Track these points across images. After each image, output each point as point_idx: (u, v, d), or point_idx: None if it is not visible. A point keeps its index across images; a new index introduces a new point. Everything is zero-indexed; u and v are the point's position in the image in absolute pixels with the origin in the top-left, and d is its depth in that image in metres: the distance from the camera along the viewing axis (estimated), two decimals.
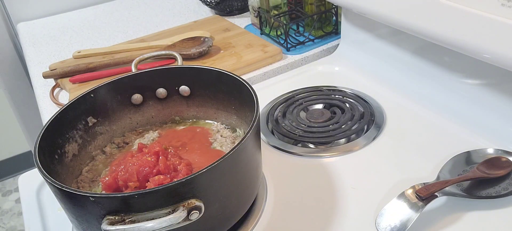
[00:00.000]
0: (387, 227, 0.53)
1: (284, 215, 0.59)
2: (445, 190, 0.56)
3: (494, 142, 0.65)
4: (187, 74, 0.67)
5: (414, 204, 0.54)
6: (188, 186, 0.46)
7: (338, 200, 0.61)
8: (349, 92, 0.82)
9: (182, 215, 0.45)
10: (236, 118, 0.66)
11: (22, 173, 0.74)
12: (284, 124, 0.76)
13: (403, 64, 0.82)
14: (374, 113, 0.76)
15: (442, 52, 0.74)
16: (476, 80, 0.71)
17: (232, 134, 0.66)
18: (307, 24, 1.03)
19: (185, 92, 0.68)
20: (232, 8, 1.21)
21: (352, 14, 0.91)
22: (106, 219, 0.45)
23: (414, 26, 0.69)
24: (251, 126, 0.52)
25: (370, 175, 0.65)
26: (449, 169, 0.61)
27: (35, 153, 0.52)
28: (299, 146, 0.71)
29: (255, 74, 0.92)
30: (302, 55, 0.96)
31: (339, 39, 0.98)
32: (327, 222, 0.57)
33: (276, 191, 0.63)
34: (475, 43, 0.60)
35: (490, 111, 0.69)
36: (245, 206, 0.56)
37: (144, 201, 0.45)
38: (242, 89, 0.61)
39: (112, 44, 1.10)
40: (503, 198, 0.56)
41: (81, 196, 0.46)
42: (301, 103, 0.80)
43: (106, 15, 1.34)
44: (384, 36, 0.86)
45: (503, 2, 0.55)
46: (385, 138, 0.71)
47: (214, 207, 0.49)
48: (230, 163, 0.49)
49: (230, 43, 1.02)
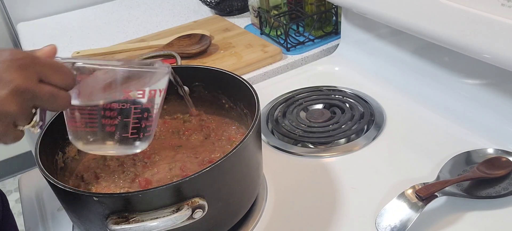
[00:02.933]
0: (387, 227, 0.53)
1: (284, 214, 0.60)
2: (445, 190, 0.56)
3: (494, 142, 0.65)
4: (187, 74, 0.67)
5: (414, 204, 0.54)
6: (192, 185, 0.46)
7: (338, 200, 0.61)
8: (349, 92, 0.82)
9: (187, 213, 0.45)
10: (236, 117, 0.67)
11: (22, 173, 0.74)
12: (284, 124, 0.76)
13: (403, 64, 0.82)
14: (374, 114, 0.76)
15: (442, 52, 0.74)
16: (476, 80, 0.71)
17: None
18: (307, 24, 1.03)
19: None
20: (232, 8, 1.21)
21: (352, 14, 0.91)
22: (110, 218, 0.45)
23: (414, 26, 0.69)
24: (252, 124, 0.52)
25: (370, 175, 0.65)
26: (449, 169, 0.61)
27: (36, 153, 0.52)
28: (299, 146, 0.71)
29: (255, 74, 0.92)
30: (302, 55, 0.96)
31: (339, 39, 0.98)
32: (327, 222, 0.57)
33: (276, 191, 0.63)
34: (475, 43, 0.60)
35: (490, 111, 0.69)
36: (247, 205, 0.56)
37: (148, 200, 0.45)
38: (242, 89, 0.61)
39: (112, 44, 1.10)
40: (503, 198, 0.56)
41: (84, 196, 0.46)
42: (301, 103, 0.80)
43: (106, 15, 1.34)
44: (384, 36, 0.86)
45: (503, 2, 0.56)
46: (385, 138, 0.71)
47: (217, 206, 0.50)
48: (232, 162, 0.49)
49: (230, 43, 1.02)
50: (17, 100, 0.41)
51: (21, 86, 0.41)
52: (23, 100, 0.41)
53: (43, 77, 0.43)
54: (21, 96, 0.41)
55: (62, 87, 0.44)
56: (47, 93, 0.43)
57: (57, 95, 0.44)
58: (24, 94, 0.41)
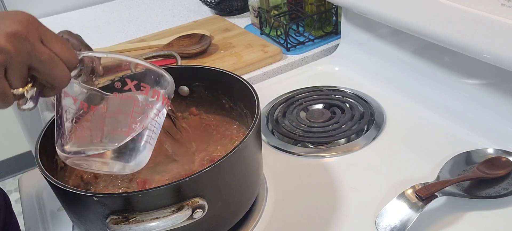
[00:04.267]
0: (387, 227, 0.53)
1: (284, 214, 0.60)
2: (445, 190, 0.56)
3: (494, 142, 0.65)
4: (187, 74, 0.67)
5: (414, 204, 0.54)
6: (192, 185, 0.46)
7: (338, 200, 0.61)
8: (349, 92, 0.82)
9: (187, 213, 0.45)
10: (236, 117, 0.66)
11: (22, 173, 0.74)
12: (284, 124, 0.76)
13: (403, 64, 0.82)
14: (374, 114, 0.76)
15: (442, 52, 0.74)
16: (476, 80, 0.71)
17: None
18: (307, 24, 1.03)
19: (184, 92, 0.68)
20: (232, 8, 1.21)
21: (352, 14, 0.91)
22: (110, 218, 0.45)
23: (414, 26, 0.69)
24: (252, 124, 0.52)
25: (370, 175, 0.65)
26: (449, 169, 0.61)
27: (36, 153, 0.52)
28: (299, 146, 0.71)
29: (255, 74, 0.92)
30: (302, 55, 0.96)
31: (339, 39, 0.98)
32: (327, 222, 0.57)
33: (276, 191, 0.63)
34: (475, 43, 0.60)
35: (490, 111, 0.69)
36: (247, 205, 0.56)
37: (148, 200, 0.45)
38: (242, 89, 0.61)
39: (112, 44, 1.10)
40: (503, 198, 0.56)
41: (84, 196, 0.46)
42: (301, 103, 0.80)
43: (106, 15, 1.34)
44: (384, 36, 0.86)
45: (503, 2, 0.56)
46: (385, 138, 0.71)
47: (217, 206, 0.50)
48: (233, 161, 0.49)
49: (230, 43, 1.02)
50: (15, 43, 0.38)
51: (22, 33, 0.39)
52: (21, 48, 0.39)
53: (44, 40, 0.41)
54: (19, 42, 0.39)
55: (62, 59, 0.42)
56: (46, 55, 0.41)
57: (57, 63, 0.41)
58: (23, 42, 0.39)
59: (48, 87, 0.43)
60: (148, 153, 0.49)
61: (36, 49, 0.40)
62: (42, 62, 0.40)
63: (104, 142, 0.48)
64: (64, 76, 0.42)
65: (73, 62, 0.43)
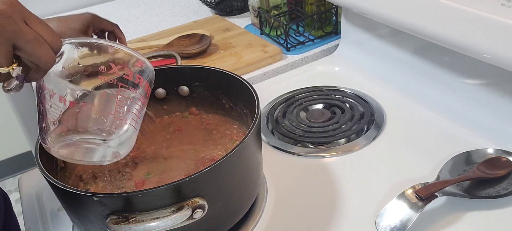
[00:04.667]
0: (387, 227, 0.53)
1: (284, 214, 0.60)
2: (445, 190, 0.56)
3: (494, 142, 0.65)
4: (187, 74, 0.67)
5: (414, 204, 0.54)
6: (192, 185, 0.46)
7: (338, 200, 0.61)
8: (349, 92, 0.82)
9: (187, 213, 0.45)
10: (236, 117, 0.67)
11: (22, 173, 0.74)
12: (284, 124, 0.76)
13: (403, 64, 0.82)
14: (374, 114, 0.76)
15: (442, 52, 0.74)
16: (476, 80, 0.71)
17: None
18: (307, 24, 1.03)
19: (184, 92, 0.68)
20: (232, 8, 1.21)
21: (352, 14, 0.91)
22: (110, 218, 0.45)
23: (414, 26, 0.69)
24: (252, 124, 0.52)
25: (370, 175, 0.65)
26: (449, 169, 0.61)
27: (36, 153, 0.52)
28: (299, 146, 0.71)
29: (255, 74, 0.92)
30: (302, 55, 0.96)
31: (339, 39, 0.98)
32: (327, 222, 0.57)
33: (276, 191, 0.63)
34: (475, 43, 0.60)
35: (490, 111, 0.69)
36: (247, 205, 0.56)
37: (148, 200, 0.45)
38: (242, 89, 0.61)
39: None
40: (503, 198, 0.56)
41: (84, 196, 0.46)
42: (301, 103, 0.80)
43: (106, 15, 1.33)
44: (384, 36, 0.86)
45: (503, 2, 0.56)
46: (385, 138, 0.71)
47: (217, 206, 0.50)
48: (233, 161, 0.49)
49: (230, 43, 1.02)
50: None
51: (6, 11, 0.39)
52: (6, 26, 0.39)
53: (28, 21, 0.41)
54: (4, 20, 0.39)
55: (46, 40, 0.42)
56: (31, 35, 0.41)
57: (41, 43, 0.42)
58: (7, 20, 0.39)
59: (34, 69, 0.43)
60: (133, 137, 0.50)
61: (21, 29, 0.40)
62: (27, 41, 0.41)
63: (89, 129, 0.48)
64: (49, 57, 0.43)
65: (57, 44, 0.44)
